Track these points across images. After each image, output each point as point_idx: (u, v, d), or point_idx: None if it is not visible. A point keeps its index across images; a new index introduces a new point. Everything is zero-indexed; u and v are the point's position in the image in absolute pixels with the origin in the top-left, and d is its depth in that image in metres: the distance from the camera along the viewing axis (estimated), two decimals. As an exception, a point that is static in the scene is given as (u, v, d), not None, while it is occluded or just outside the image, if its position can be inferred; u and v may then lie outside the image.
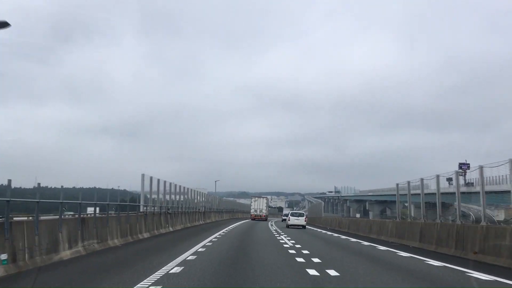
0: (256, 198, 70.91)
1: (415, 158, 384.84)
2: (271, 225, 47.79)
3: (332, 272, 10.39)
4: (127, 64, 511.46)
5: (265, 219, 66.89)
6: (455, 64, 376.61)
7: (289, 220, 41.92)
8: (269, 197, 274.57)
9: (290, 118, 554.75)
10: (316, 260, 13.00)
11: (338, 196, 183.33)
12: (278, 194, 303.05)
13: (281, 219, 68.22)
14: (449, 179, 21.28)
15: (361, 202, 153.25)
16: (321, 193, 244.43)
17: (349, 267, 11.75)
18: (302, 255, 14.32)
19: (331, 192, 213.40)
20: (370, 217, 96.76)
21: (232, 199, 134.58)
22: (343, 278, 9.80)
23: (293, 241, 21.53)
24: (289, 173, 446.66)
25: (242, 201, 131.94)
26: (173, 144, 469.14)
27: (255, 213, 67.68)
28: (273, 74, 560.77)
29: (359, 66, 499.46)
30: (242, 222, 53.86)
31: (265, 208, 68.96)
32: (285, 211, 77.87)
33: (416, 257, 14.86)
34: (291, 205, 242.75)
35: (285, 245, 18.68)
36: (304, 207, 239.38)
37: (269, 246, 18.61)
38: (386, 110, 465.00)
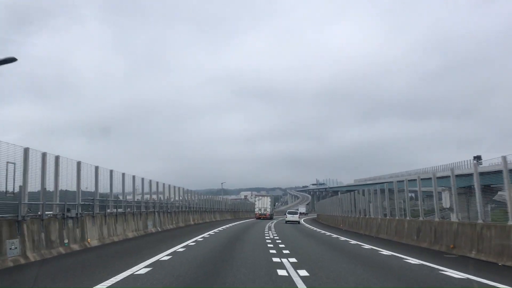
0: (260, 197, 71.45)
1: (398, 147, 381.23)
2: (269, 229, 37.48)
3: None
4: (92, 55, 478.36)
5: (269, 218, 66.60)
6: (438, 45, 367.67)
7: (286, 217, 52.42)
8: (248, 193, 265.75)
9: (269, 110, 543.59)
10: None
11: (326, 188, 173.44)
12: (258, 189, 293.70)
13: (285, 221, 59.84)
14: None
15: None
16: (303, 187, 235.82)
17: None
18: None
19: (315, 184, 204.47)
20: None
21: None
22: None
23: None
24: (269, 168, 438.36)
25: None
26: (146, 142, 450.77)
27: (259, 212, 67.57)
28: (249, 61, 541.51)
29: (338, 53, 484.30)
30: (237, 223, 43.32)
31: (269, 206, 68.76)
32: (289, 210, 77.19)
33: None
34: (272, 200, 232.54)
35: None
36: (287, 202, 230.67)
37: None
38: (368, 99, 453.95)
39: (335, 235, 26.81)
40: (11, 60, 14.72)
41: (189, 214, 41.05)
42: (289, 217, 50.94)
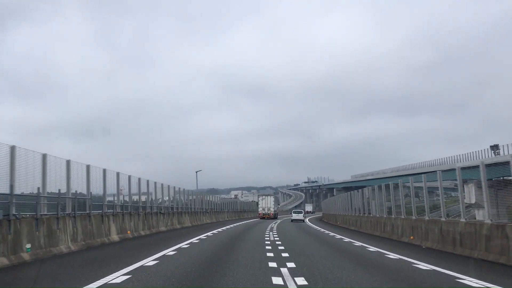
0: (264, 197, 69.81)
1: (390, 143, 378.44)
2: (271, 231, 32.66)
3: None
4: (74, 51, 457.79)
5: (274, 217, 65.77)
6: (430, 39, 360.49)
7: (292, 216, 56.77)
8: (239, 192, 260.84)
9: (258, 108, 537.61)
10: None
11: (319, 186, 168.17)
12: (249, 189, 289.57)
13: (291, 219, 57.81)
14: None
15: (349, 190, 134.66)
16: (295, 185, 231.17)
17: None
18: None
19: (307, 182, 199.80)
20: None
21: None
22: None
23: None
24: (259, 167, 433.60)
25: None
26: (133, 142, 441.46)
27: (263, 212, 66.51)
28: (236, 57, 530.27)
29: (328, 47, 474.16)
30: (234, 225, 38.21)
31: (273, 206, 67.73)
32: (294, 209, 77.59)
33: None
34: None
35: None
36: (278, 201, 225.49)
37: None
38: (358, 95, 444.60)
39: (348, 239, 21.95)
40: None
41: (184, 215, 35.91)
42: (295, 216, 55.77)
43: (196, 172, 65.44)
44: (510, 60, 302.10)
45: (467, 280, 8.86)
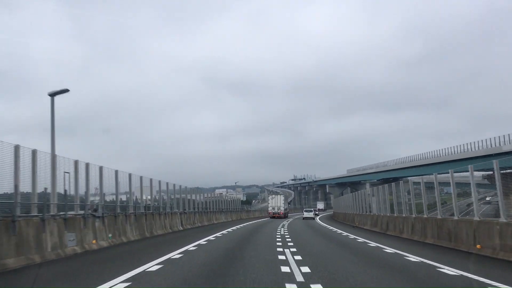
0: (273, 195, 69.24)
1: (377, 141, 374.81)
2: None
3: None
4: (47, 43, 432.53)
5: (284, 216, 64.82)
6: (421, 30, 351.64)
7: (303, 214, 63.28)
8: (223, 190, 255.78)
9: (243, 104, 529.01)
10: None
11: (309, 183, 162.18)
12: (233, 187, 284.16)
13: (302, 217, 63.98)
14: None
15: (344, 186, 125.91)
16: (281, 183, 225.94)
17: None
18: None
19: (294, 180, 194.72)
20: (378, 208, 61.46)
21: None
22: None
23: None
24: (244, 165, 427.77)
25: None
26: (111, 139, 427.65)
27: (273, 211, 65.30)
28: (219, 50, 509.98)
29: (316, 40, 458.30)
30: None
31: (283, 205, 66.87)
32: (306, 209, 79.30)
33: None
34: (249, 197, 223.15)
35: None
36: (263, 199, 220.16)
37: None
38: (345, 91, 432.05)
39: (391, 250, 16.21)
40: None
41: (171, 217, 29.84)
42: (306, 215, 62.26)
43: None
44: (498, 55, 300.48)
45: None
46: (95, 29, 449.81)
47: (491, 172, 14.07)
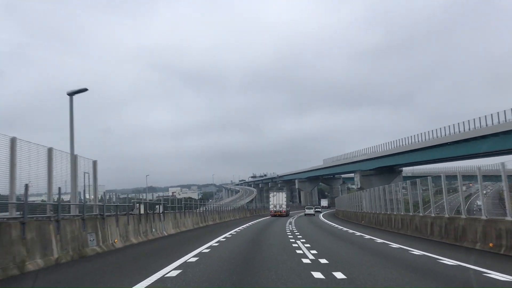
0: (275, 193, 68.72)
1: (336, 138, 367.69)
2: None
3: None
4: None
5: (286, 215, 64.31)
6: (380, 22, 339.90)
7: (305, 211, 72.91)
8: (178, 189, 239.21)
9: (198, 100, 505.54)
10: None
11: (272, 179, 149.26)
12: (188, 186, 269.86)
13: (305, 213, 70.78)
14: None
15: (316, 180, 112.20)
16: (240, 181, 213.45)
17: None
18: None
19: (253, 177, 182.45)
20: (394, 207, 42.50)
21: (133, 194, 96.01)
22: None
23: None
24: (199, 163, 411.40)
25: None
26: (55, 136, 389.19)
27: (274, 209, 64.52)
28: (171, 38, 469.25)
29: (276, 28, 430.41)
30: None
31: (285, 203, 66.30)
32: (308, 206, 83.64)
33: None
34: (205, 196, 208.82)
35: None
36: (221, 198, 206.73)
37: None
38: (306, 84, 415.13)
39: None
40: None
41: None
42: (307, 211, 70.55)
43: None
44: (461, 49, 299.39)
45: None
46: (31, 9, 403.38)
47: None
